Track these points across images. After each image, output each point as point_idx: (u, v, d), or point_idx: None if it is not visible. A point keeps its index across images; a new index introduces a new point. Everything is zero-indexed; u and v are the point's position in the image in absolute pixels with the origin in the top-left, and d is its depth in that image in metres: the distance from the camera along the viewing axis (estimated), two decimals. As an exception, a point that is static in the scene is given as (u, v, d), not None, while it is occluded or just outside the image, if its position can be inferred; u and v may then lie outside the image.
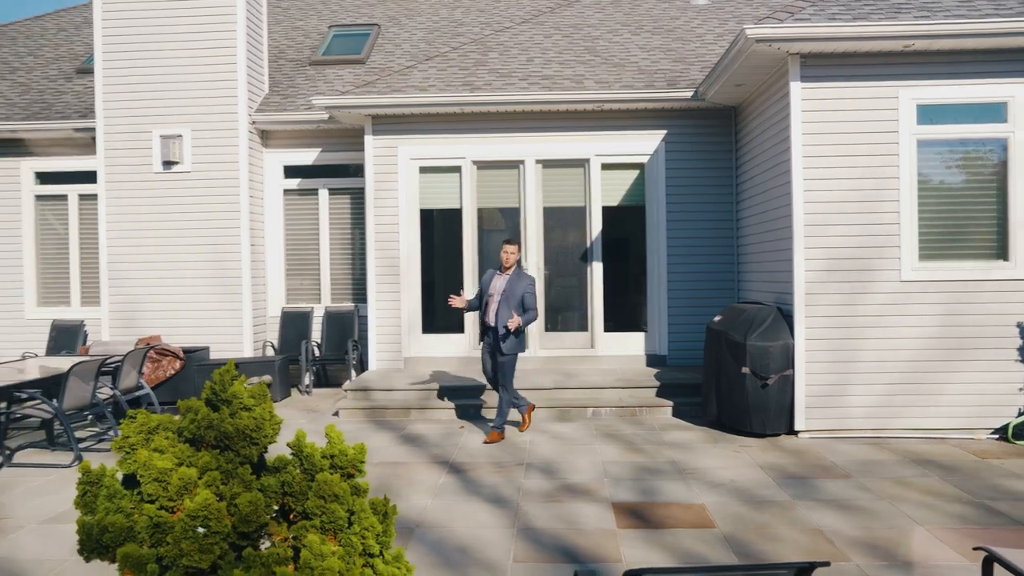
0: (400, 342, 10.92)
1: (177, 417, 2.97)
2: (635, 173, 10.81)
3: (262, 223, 11.91)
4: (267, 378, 10.57)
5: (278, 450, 7.11)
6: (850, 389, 7.90)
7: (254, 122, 11.59)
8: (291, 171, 12.17)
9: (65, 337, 11.80)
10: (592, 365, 10.65)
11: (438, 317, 11.17)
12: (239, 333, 11.41)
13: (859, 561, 4.78)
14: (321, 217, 12.15)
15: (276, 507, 3.04)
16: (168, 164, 11.39)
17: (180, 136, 11.37)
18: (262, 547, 2.87)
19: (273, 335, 12.01)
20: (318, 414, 9.81)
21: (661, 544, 5.10)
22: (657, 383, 9.56)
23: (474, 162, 10.93)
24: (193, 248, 11.38)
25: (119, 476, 2.88)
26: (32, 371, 8.14)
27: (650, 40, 11.92)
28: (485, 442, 8.00)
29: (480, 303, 8.34)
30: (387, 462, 7.38)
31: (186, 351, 10.99)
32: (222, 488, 2.76)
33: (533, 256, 10.83)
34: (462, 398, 9.49)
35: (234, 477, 2.79)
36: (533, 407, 8.72)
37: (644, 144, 10.71)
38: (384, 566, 3.00)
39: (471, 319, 10.95)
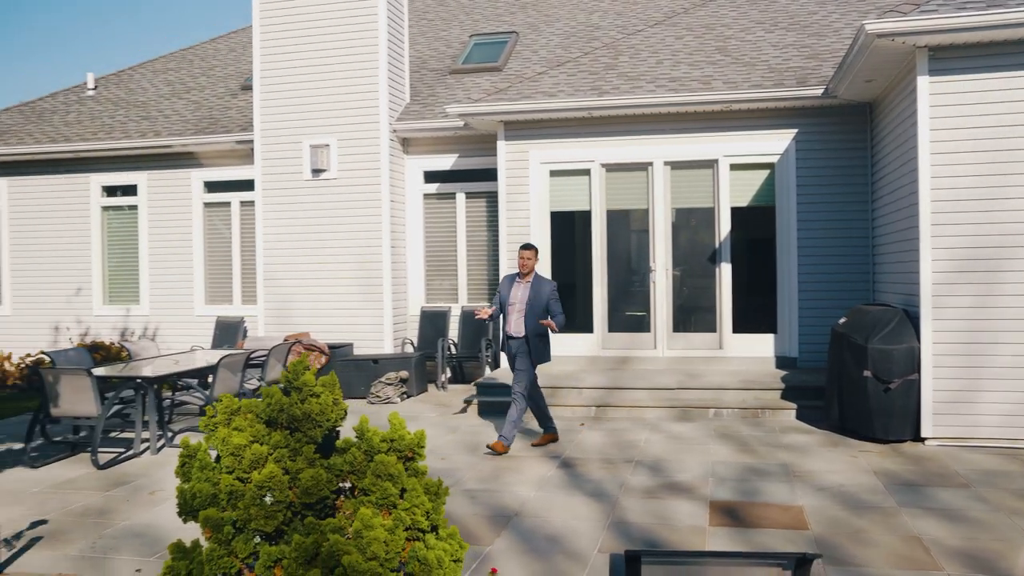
0: (530, 341, 11.23)
1: (259, 401, 3.37)
2: (765, 173, 10.67)
3: (403, 226, 12.54)
4: (404, 373, 11.15)
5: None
6: (982, 395, 7.56)
7: (395, 131, 12.23)
8: (430, 176, 12.75)
9: (227, 332, 12.85)
10: (719, 366, 10.59)
11: (567, 317, 11.39)
12: (380, 330, 12.08)
13: (952, 571, 4.67)
14: (458, 220, 12.66)
15: (348, 484, 3.39)
16: (317, 172, 12.21)
17: (327, 145, 12.16)
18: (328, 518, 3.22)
19: (413, 333, 12.62)
20: (448, 408, 10.28)
21: (747, 543, 5.15)
22: (783, 385, 9.44)
23: (603, 165, 11.11)
24: (339, 250, 12.14)
25: (212, 451, 3.30)
26: (189, 362, 8.99)
27: (784, 37, 11.71)
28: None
29: (499, 310, 8.04)
30: (501, 456, 7.70)
31: (331, 347, 11.76)
32: (288, 464, 3.13)
33: (661, 257, 10.89)
34: (584, 397, 9.69)
35: (300, 455, 3.15)
36: (555, 438, 8.12)
37: (774, 144, 10.56)
38: (436, 541, 3.30)
39: (600, 319, 11.13)
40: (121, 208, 14.04)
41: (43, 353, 9.14)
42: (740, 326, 10.77)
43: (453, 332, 12.50)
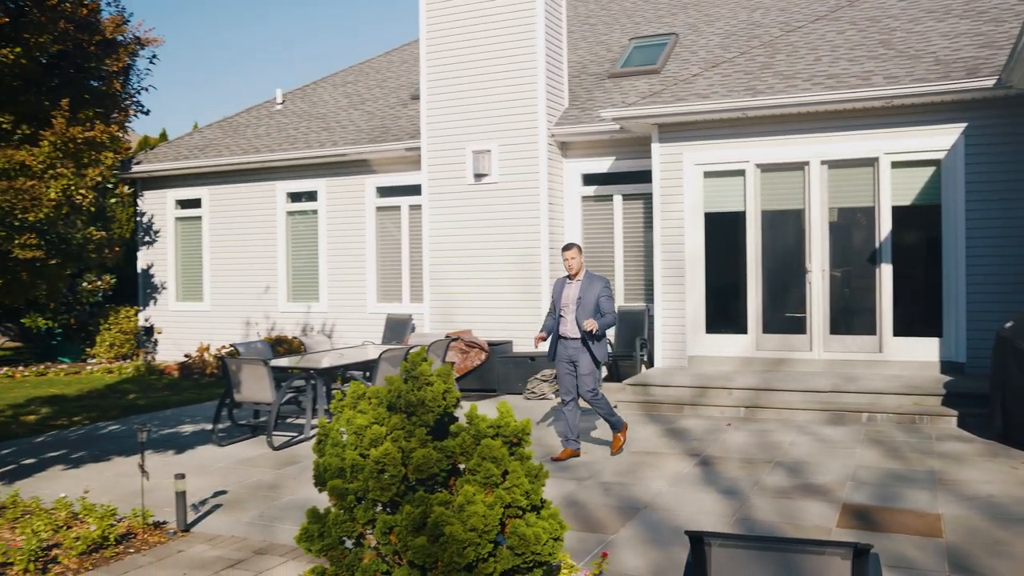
0: (684, 341, 11.32)
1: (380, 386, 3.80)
2: (929, 170, 10.25)
3: (561, 228, 12.91)
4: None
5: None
6: None
7: (553, 135, 12.61)
8: (588, 179, 13.05)
9: (396, 329, 13.68)
10: (878, 370, 10.28)
11: (721, 318, 11.39)
12: (538, 329, 12.48)
13: (1090, 584, 4.49)
14: (615, 221, 12.89)
15: (463, 464, 3.76)
16: (479, 176, 12.79)
17: (489, 151, 12.71)
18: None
19: (569, 332, 12.94)
20: (599, 406, 10.53)
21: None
22: (945, 391, 9.07)
23: (757, 165, 11.02)
24: (499, 251, 12.67)
25: (342, 431, 3.76)
26: (354, 356, 9.73)
27: (956, 26, 11.17)
28: (554, 459, 7.55)
29: (555, 318, 7.69)
30: (643, 451, 7.91)
31: (491, 344, 12.30)
32: (403, 444, 3.53)
33: (817, 258, 10.69)
34: (733, 398, 9.70)
35: (414, 436, 3.55)
36: (626, 427, 7.96)
37: (940, 139, 10.12)
38: (537, 520, 3.61)
39: (754, 320, 11.05)
40: (304, 213, 15.20)
41: (231, 345, 10.15)
42: (901, 329, 10.39)
43: (609, 332, 12.71)
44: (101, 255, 6.63)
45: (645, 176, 12.34)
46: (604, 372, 12.52)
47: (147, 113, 6.53)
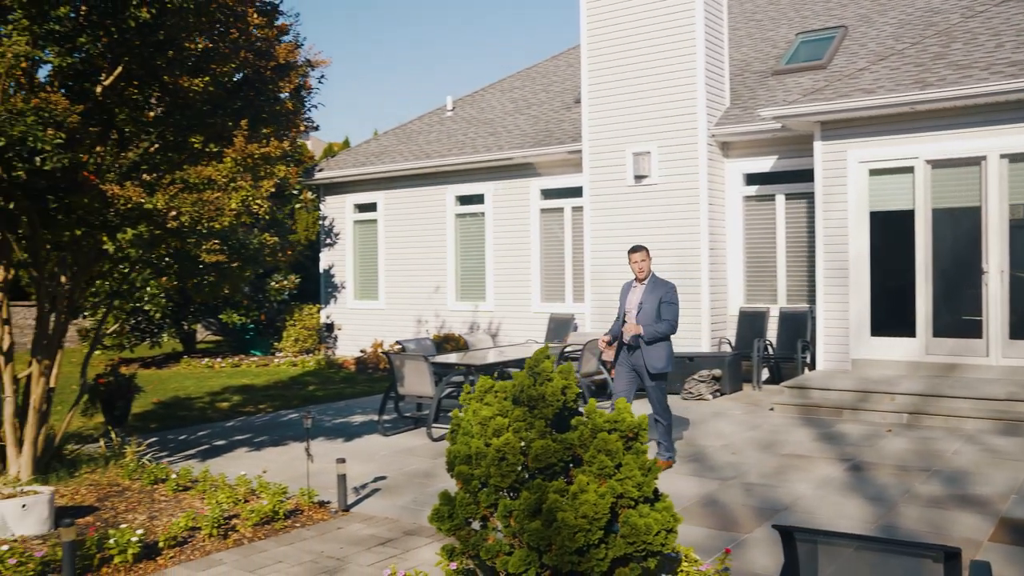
0: (847, 343, 11.00)
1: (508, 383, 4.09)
2: (1124, 163, 9.48)
3: (721, 228, 12.82)
4: (717, 372, 11.47)
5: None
6: None
7: (713, 135, 12.55)
8: (750, 178, 12.88)
9: (559, 328, 14.01)
10: (1063, 378, 9.61)
11: (887, 320, 10.97)
12: (697, 329, 12.49)
13: None
14: (777, 222, 12.67)
15: (583, 455, 4.00)
16: (638, 178, 12.91)
17: (648, 152, 12.81)
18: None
19: (731, 333, 12.85)
20: (757, 407, 10.44)
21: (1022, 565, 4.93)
22: None
23: (927, 161, 10.54)
24: (658, 252, 12.70)
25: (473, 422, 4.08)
26: (512, 354, 10.12)
27: None
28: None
29: (620, 324, 7.38)
30: (793, 454, 7.83)
31: (649, 344, 12.37)
32: (524, 435, 3.81)
33: (995, 258, 10.10)
34: (896, 403, 9.36)
35: (533, 428, 3.82)
36: (672, 463, 7.36)
37: None
38: (649, 511, 3.79)
39: (923, 323, 10.58)
40: (475, 215, 15.82)
41: (397, 342, 10.81)
42: (1091, 334, 9.67)
43: (772, 333, 12.53)
44: (275, 258, 7.34)
45: (808, 175, 12.04)
46: (808, 371, 12.35)
47: (316, 128, 7.17)
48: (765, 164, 12.69)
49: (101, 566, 4.94)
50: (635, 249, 7.35)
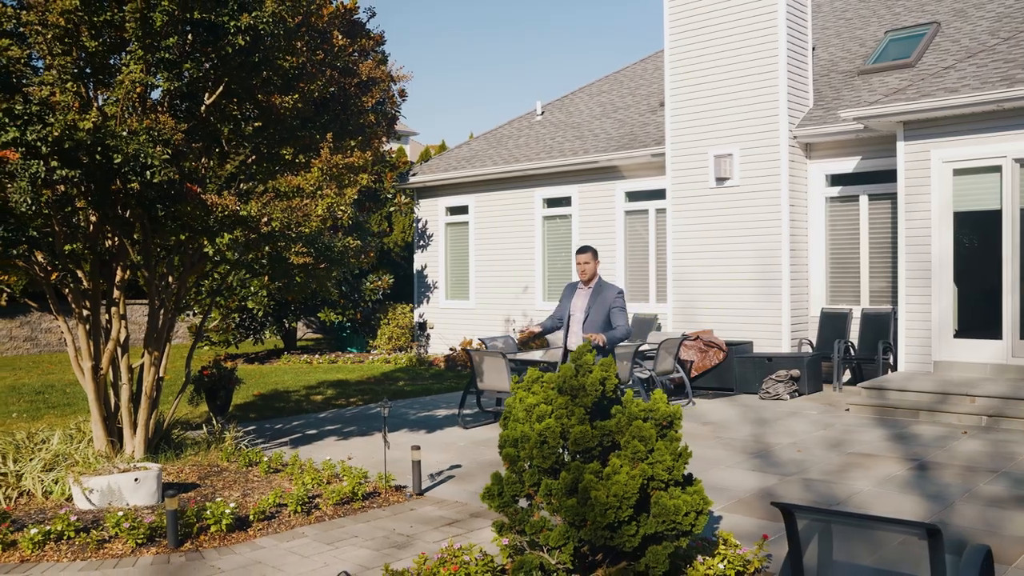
0: (930, 345, 10.91)
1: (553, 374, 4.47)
2: None
3: (803, 229, 12.85)
4: (795, 372, 11.54)
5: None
6: None
7: (795, 137, 12.59)
8: (833, 179, 12.87)
9: (641, 327, 14.22)
10: None
11: (971, 322, 10.84)
12: (778, 330, 12.57)
13: None
14: (861, 222, 12.62)
15: (620, 440, 4.35)
16: (720, 180, 13.06)
17: (730, 155, 12.94)
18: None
19: (812, 334, 12.86)
20: (833, 408, 10.49)
21: (1066, 556, 5.01)
22: None
23: (1016, 160, 10.38)
24: (739, 254, 12.86)
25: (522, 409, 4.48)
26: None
27: None
28: None
29: (563, 324, 7.09)
30: (860, 453, 7.93)
31: (730, 344, 12.53)
32: (564, 421, 4.18)
33: (1084, 259, 9.90)
34: (976, 406, 9.30)
35: (573, 415, 4.19)
36: None
37: None
38: (680, 494, 4.12)
39: (1010, 325, 10.42)
40: (562, 217, 16.20)
41: (481, 340, 11.28)
42: None
43: (855, 335, 12.49)
44: (358, 260, 7.87)
45: (893, 175, 11.98)
46: (889, 372, 12.33)
47: (398, 139, 7.67)
48: (848, 165, 12.66)
49: (199, 534, 5.54)
50: (582, 250, 7.07)
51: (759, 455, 7.90)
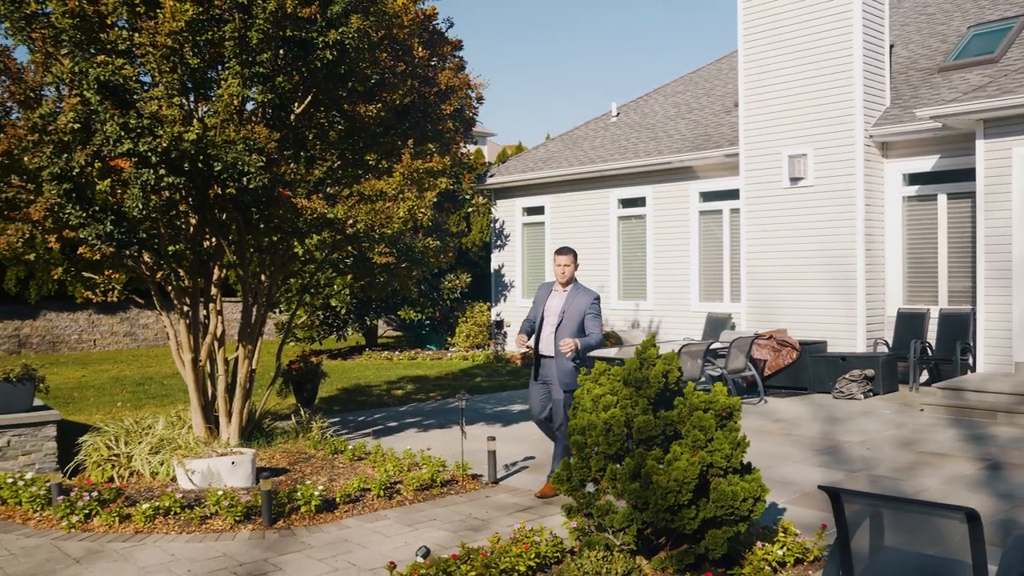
0: (1011, 346, 10.78)
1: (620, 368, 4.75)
2: None
3: (878, 229, 12.78)
4: (869, 372, 11.52)
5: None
6: None
7: (871, 136, 12.54)
8: (910, 179, 12.77)
9: (715, 326, 14.35)
10: None
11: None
12: (853, 329, 12.54)
13: None
14: (939, 222, 12.49)
15: (681, 429, 4.61)
16: (794, 180, 13.08)
17: (804, 155, 12.96)
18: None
19: (888, 334, 12.78)
20: (907, 408, 10.47)
21: None
22: None
23: (1100, 158, 10.21)
24: (813, 253, 12.87)
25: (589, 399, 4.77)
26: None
27: None
28: (536, 495, 6.58)
29: (535, 327, 6.80)
30: (932, 452, 7.97)
31: (804, 343, 12.56)
32: (628, 411, 4.46)
33: None
34: (1054, 406, 9.20)
35: (637, 405, 4.46)
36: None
37: None
38: (739, 480, 4.35)
39: (1093, 326, 10.25)
40: (637, 217, 16.38)
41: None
42: None
43: (932, 335, 12.37)
44: (438, 260, 8.26)
45: (972, 174, 11.84)
46: (968, 373, 12.24)
47: (475, 143, 8.02)
48: (926, 164, 12.55)
49: (290, 514, 6.00)
50: (562, 251, 6.77)
51: (828, 452, 8.01)
